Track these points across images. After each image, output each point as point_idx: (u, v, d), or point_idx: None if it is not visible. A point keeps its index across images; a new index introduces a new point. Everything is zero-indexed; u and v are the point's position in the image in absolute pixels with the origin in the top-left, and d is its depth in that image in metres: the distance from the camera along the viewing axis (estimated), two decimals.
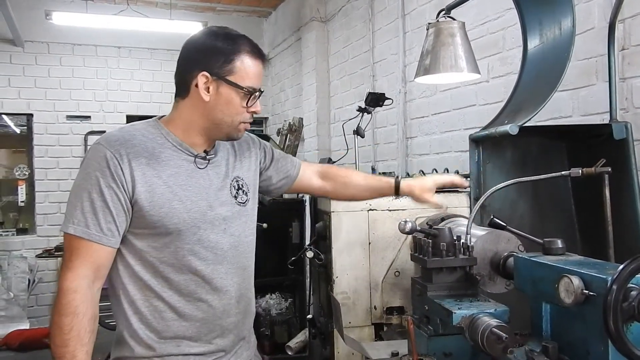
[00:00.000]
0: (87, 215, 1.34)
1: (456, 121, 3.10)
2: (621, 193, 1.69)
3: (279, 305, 3.96)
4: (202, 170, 1.48)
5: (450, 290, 1.34)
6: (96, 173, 1.36)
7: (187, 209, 1.42)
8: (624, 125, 1.74)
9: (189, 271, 1.43)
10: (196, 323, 1.45)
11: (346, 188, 1.78)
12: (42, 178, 6.00)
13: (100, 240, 1.34)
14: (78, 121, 6.09)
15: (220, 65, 1.41)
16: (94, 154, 1.39)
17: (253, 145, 1.67)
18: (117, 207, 1.36)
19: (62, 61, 6.04)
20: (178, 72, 1.50)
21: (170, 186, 1.41)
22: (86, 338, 1.32)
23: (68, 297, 1.31)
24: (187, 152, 1.47)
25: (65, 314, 1.30)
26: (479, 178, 1.90)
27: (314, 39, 4.92)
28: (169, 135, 1.47)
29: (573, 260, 1.17)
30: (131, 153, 1.39)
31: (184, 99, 1.48)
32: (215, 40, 1.44)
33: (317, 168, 1.82)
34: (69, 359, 1.30)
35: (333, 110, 4.87)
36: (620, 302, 0.92)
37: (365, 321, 2.03)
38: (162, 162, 1.42)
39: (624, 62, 2.01)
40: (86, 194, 1.35)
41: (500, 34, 2.70)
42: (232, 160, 1.57)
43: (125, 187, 1.36)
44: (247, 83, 1.43)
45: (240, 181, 1.56)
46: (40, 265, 5.89)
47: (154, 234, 1.40)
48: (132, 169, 1.37)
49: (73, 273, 1.32)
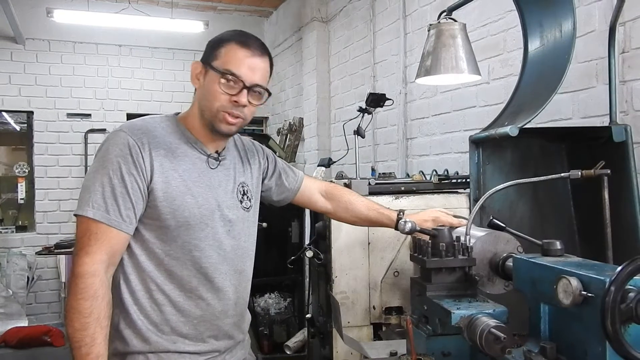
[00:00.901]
0: (107, 200, 1.34)
1: (456, 122, 3.10)
2: (620, 195, 1.69)
3: (278, 305, 3.97)
4: (213, 171, 1.50)
5: (449, 290, 1.34)
6: (118, 159, 1.36)
7: (199, 204, 1.43)
8: (623, 128, 1.74)
9: (193, 267, 1.44)
10: (194, 320, 1.46)
11: (347, 213, 1.79)
12: (42, 176, 6.00)
13: (119, 226, 1.35)
14: (78, 119, 6.09)
15: (209, 52, 1.46)
16: (116, 140, 1.39)
17: (258, 153, 1.69)
18: (137, 195, 1.37)
19: (63, 59, 6.04)
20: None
21: (185, 180, 1.43)
22: (105, 322, 1.32)
23: (87, 281, 1.30)
24: (201, 150, 1.49)
25: (85, 298, 1.29)
26: (478, 179, 1.91)
27: (315, 39, 4.93)
28: (185, 132, 1.49)
29: (572, 261, 1.17)
30: (152, 143, 1.40)
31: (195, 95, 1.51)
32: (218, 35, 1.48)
33: (322, 186, 1.83)
34: (89, 342, 1.29)
35: (333, 111, 4.88)
36: (618, 303, 0.92)
37: (364, 321, 2.04)
38: (178, 157, 1.44)
39: (624, 64, 2.01)
40: (107, 178, 1.35)
41: (501, 35, 2.71)
42: (239, 165, 1.59)
43: (145, 175, 1.38)
44: (228, 66, 1.41)
45: (245, 187, 1.58)
46: (40, 262, 5.89)
47: (163, 226, 1.41)
48: (152, 158, 1.39)
49: (91, 257, 1.32)
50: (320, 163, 2.92)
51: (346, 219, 1.82)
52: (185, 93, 6.33)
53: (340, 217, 1.82)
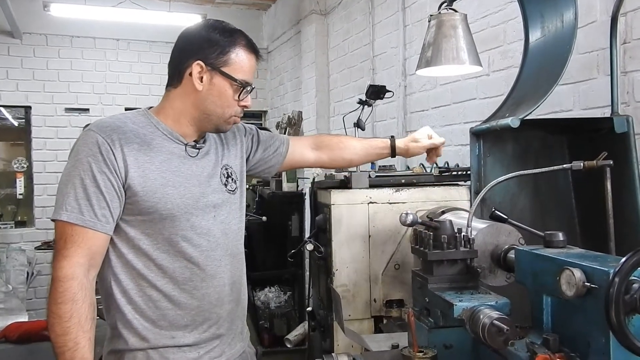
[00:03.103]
0: (80, 201, 1.33)
1: (456, 115, 3.09)
2: (622, 187, 1.68)
3: (278, 299, 3.97)
4: (193, 159, 1.48)
5: (451, 282, 1.34)
6: (88, 159, 1.34)
7: (181, 194, 1.42)
8: (625, 119, 1.73)
9: (184, 258, 1.43)
10: (191, 312, 1.45)
11: (343, 154, 1.77)
12: (40, 171, 5.99)
13: (94, 227, 1.33)
14: (76, 114, 6.07)
15: (216, 56, 1.42)
16: (85, 140, 1.38)
17: (238, 132, 1.67)
18: (111, 193, 1.35)
19: (61, 53, 6.02)
20: (172, 61, 1.50)
21: (163, 172, 1.41)
22: (87, 325, 1.31)
23: (65, 285, 1.29)
24: (178, 140, 1.47)
25: (64, 302, 1.29)
26: (479, 171, 1.90)
27: (314, 32, 4.90)
28: (159, 124, 1.46)
29: (574, 253, 1.16)
30: (123, 139, 1.38)
31: (175, 88, 1.48)
32: (213, 32, 1.45)
33: (309, 140, 1.82)
34: (72, 346, 1.28)
35: (332, 104, 4.86)
36: (623, 294, 0.91)
37: (364, 314, 2.04)
38: (154, 149, 1.42)
39: (626, 55, 2.00)
40: (78, 180, 1.33)
41: (502, 27, 2.69)
42: (220, 148, 1.58)
43: (118, 172, 1.35)
44: (240, 76, 1.44)
45: (229, 169, 1.57)
46: (39, 257, 5.89)
47: (147, 221, 1.39)
48: (124, 154, 1.37)
49: (68, 261, 1.31)
50: None
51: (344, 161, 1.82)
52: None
53: (338, 162, 1.82)
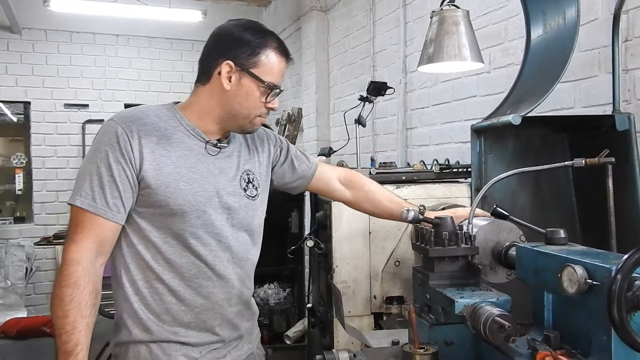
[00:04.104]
0: (94, 188, 1.35)
1: (457, 112, 3.09)
2: (623, 184, 1.68)
3: (277, 295, 3.97)
4: (213, 157, 1.48)
5: (452, 279, 1.33)
6: (106, 148, 1.36)
7: (194, 191, 1.42)
8: (627, 117, 1.74)
9: (192, 255, 1.43)
10: (195, 309, 1.45)
11: (368, 203, 1.72)
12: (39, 166, 5.99)
13: (105, 215, 1.35)
14: (76, 109, 6.06)
15: (246, 57, 1.42)
16: (105, 130, 1.40)
17: (268, 140, 1.65)
18: (124, 183, 1.36)
19: (60, 49, 6.01)
20: (202, 58, 1.50)
21: (178, 167, 1.41)
22: (87, 310, 1.32)
23: (70, 269, 1.32)
24: (200, 137, 1.47)
25: (67, 285, 1.31)
26: (480, 168, 1.90)
27: (314, 28, 4.89)
28: (182, 120, 1.47)
29: (576, 250, 1.16)
30: (142, 130, 1.39)
31: (204, 86, 1.48)
32: (245, 32, 1.45)
33: (341, 173, 1.77)
34: (69, 330, 1.30)
35: (332, 101, 4.85)
36: (625, 291, 0.91)
37: (364, 310, 2.04)
38: (173, 144, 1.42)
39: (627, 53, 2.00)
40: (94, 167, 1.36)
41: (503, 24, 2.69)
42: (244, 153, 1.57)
43: (133, 163, 1.37)
44: (268, 78, 1.44)
45: (250, 175, 1.55)
46: (38, 253, 5.89)
47: (158, 214, 1.40)
48: (141, 145, 1.38)
49: (77, 245, 1.33)
50: (320, 152, 2.91)
51: (366, 209, 1.76)
52: (183, 83, 6.30)
53: (360, 206, 1.75)
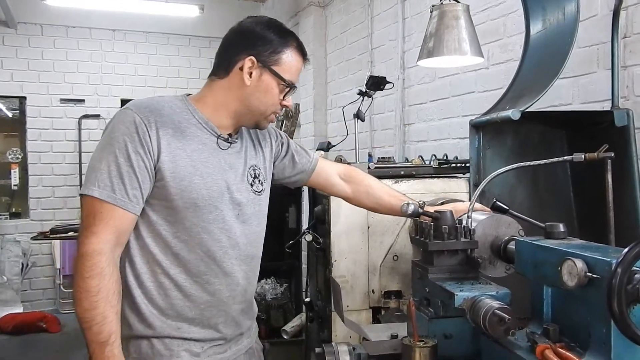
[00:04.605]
0: (113, 179, 1.32)
1: (455, 108, 3.09)
2: (621, 180, 1.69)
3: (274, 290, 3.97)
4: (224, 152, 1.48)
5: (451, 273, 1.34)
6: (124, 137, 1.34)
7: (207, 186, 1.41)
8: (625, 112, 1.74)
9: (201, 250, 1.42)
10: (200, 305, 1.44)
11: (368, 196, 1.73)
12: (35, 162, 5.96)
13: (125, 206, 1.33)
14: (72, 104, 6.03)
15: (268, 54, 1.44)
16: (122, 118, 1.37)
17: (270, 136, 1.66)
18: (143, 174, 1.35)
19: (56, 43, 5.97)
20: (222, 52, 1.50)
21: (193, 160, 1.40)
22: (114, 299, 1.30)
23: (94, 259, 1.28)
24: (212, 131, 1.47)
25: (92, 276, 1.28)
26: (478, 164, 1.91)
27: (312, 24, 4.88)
28: (195, 112, 1.46)
29: (576, 244, 1.17)
30: (159, 122, 1.38)
31: (221, 79, 1.48)
32: (268, 30, 1.46)
33: (340, 168, 1.78)
34: (99, 320, 1.27)
35: (330, 97, 4.85)
36: (625, 284, 0.92)
37: (363, 305, 2.04)
38: (187, 137, 1.42)
39: (626, 50, 2.00)
40: (113, 157, 1.33)
41: (502, 20, 2.69)
42: (250, 148, 1.57)
43: (152, 153, 1.35)
44: (287, 76, 1.46)
45: (257, 170, 1.56)
46: (34, 249, 5.87)
47: (170, 207, 1.39)
48: (159, 136, 1.37)
49: (97, 237, 1.30)
50: (319, 147, 2.91)
51: (365, 204, 1.77)
52: (179, 79, 6.28)
53: (360, 201, 1.76)
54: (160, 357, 1.41)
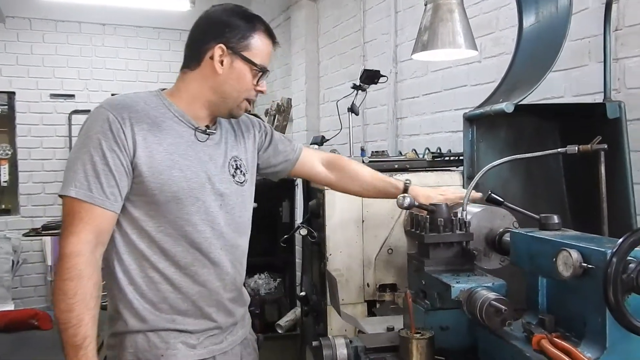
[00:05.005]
0: (89, 178, 1.32)
1: (447, 102, 3.10)
2: (613, 172, 1.70)
3: (268, 285, 3.98)
4: (202, 144, 1.48)
5: (447, 265, 1.35)
6: (98, 135, 1.34)
7: (187, 178, 1.41)
8: (617, 105, 1.75)
9: (186, 242, 1.43)
10: (192, 297, 1.45)
11: (352, 181, 1.75)
12: (25, 158, 5.91)
13: (103, 204, 1.33)
14: (62, 100, 5.98)
15: (237, 41, 1.43)
16: (96, 117, 1.37)
17: (253, 126, 1.67)
18: (120, 171, 1.34)
19: (45, 38, 5.91)
20: (191, 44, 1.49)
21: (170, 154, 1.40)
22: (92, 303, 1.30)
23: (72, 261, 1.29)
24: (189, 124, 1.47)
25: (70, 278, 1.28)
26: (472, 157, 1.91)
27: (304, 18, 4.86)
28: (171, 106, 1.46)
29: (570, 235, 1.18)
30: (134, 117, 1.38)
31: (192, 71, 1.48)
32: (234, 16, 1.45)
33: (323, 155, 1.80)
34: (75, 323, 1.27)
35: (322, 91, 4.84)
36: (620, 274, 0.93)
37: (358, 298, 2.05)
38: (164, 131, 1.41)
39: (617, 42, 2.01)
40: (88, 156, 1.33)
41: (494, 13, 2.69)
42: (231, 139, 1.57)
43: (127, 150, 1.35)
44: (258, 60, 1.46)
45: (238, 161, 1.56)
46: (25, 246, 5.82)
47: (152, 202, 1.39)
48: (134, 132, 1.36)
49: (76, 237, 1.30)
50: (312, 141, 2.91)
51: (350, 189, 1.78)
52: (170, 73, 6.23)
53: (345, 187, 1.78)
54: (157, 350, 1.42)
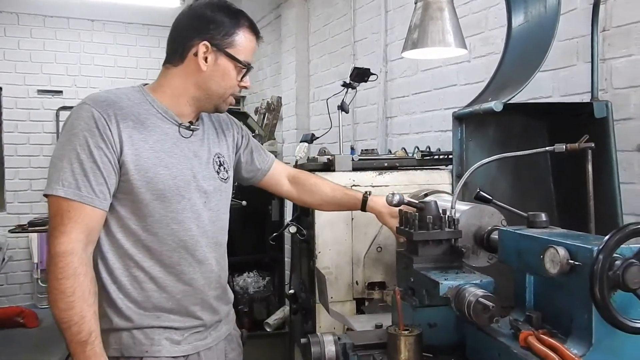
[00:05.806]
0: (77, 176, 1.30)
1: (437, 101, 3.11)
2: (600, 170, 1.72)
3: (257, 283, 3.97)
4: (187, 140, 1.47)
5: (435, 262, 1.35)
6: (84, 133, 1.32)
7: (173, 175, 1.40)
8: (604, 104, 1.77)
9: (172, 241, 1.42)
10: (176, 295, 1.44)
11: (312, 196, 1.78)
12: (11, 154, 5.85)
13: (92, 203, 1.31)
14: (49, 96, 5.93)
15: (221, 37, 1.42)
16: (80, 114, 1.34)
17: (232, 126, 1.67)
18: (108, 168, 1.33)
19: (33, 33, 5.85)
20: (174, 40, 1.48)
21: (156, 151, 1.39)
22: (91, 299, 1.29)
23: (65, 260, 1.27)
24: (173, 120, 1.45)
25: (65, 277, 1.26)
26: (461, 155, 1.92)
27: (294, 16, 4.86)
28: (154, 102, 1.44)
29: (557, 232, 1.19)
30: (119, 114, 1.36)
31: (176, 67, 1.46)
32: (218, 12, 1.44)
33: (290, 171, 1.83)
34: (78, 320, 1.26)
35: (312, 89, 4.84)
36: (607, 270, 0.94)
37: (347, 296, 2.05)
38: (148, 128, 1.40)
39: (605, 43, 2.03)
40: (74, 154, 1.31)
41: (483, 13, 2.71)
42: (213, 136, 1.57)
43: (114, 147, 1.33)
44: (242, 57, 1.45)
45: (221, 158, 1.56)
46: (11, 243, 5.76)
47: (138, 200, 1.37)
48: (120, 130, 1.35)
49: (66, 237, 1.28)
50: (302, 139, 2.91)
51: (310, 203, 1.82)
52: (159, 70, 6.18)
53: (305, 201, 1.82)
54: (142, 346, 1.41)
